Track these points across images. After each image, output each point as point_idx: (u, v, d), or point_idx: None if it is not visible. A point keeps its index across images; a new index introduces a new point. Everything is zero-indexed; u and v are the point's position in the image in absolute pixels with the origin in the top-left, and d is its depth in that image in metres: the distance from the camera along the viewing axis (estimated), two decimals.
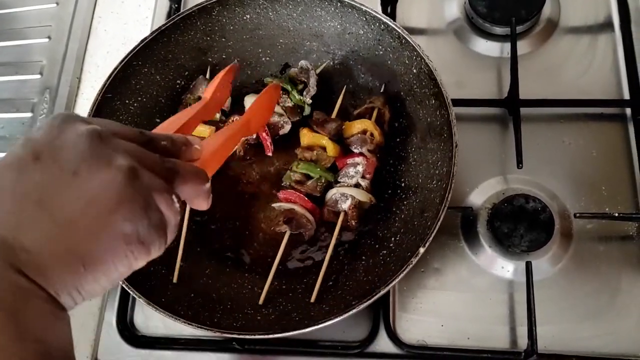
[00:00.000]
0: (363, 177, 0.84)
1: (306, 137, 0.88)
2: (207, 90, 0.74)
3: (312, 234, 0.84)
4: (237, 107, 0.93)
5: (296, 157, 0.88)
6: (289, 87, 0.89)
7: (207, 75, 0.93)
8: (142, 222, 0.42)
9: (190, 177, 0.48)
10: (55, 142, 0.42)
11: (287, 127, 0.90)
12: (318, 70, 0.91)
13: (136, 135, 0.47)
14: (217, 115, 0.91)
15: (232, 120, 0.90)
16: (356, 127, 0.87)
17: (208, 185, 0.50)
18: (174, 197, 0.45)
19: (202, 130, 0.88)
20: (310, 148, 0.88)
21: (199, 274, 0.82)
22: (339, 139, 0.88)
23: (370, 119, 0.87)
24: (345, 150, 0.87)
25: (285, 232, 0.83)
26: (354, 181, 0.83)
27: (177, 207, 0.45)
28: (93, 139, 0.42)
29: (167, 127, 0.58)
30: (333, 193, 0.84)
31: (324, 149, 0.87)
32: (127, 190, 0.41)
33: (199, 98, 0.89)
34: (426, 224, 0.74)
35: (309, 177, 0.85)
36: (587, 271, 0.83)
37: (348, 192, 0.82)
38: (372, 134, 0.85)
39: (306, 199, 0.84)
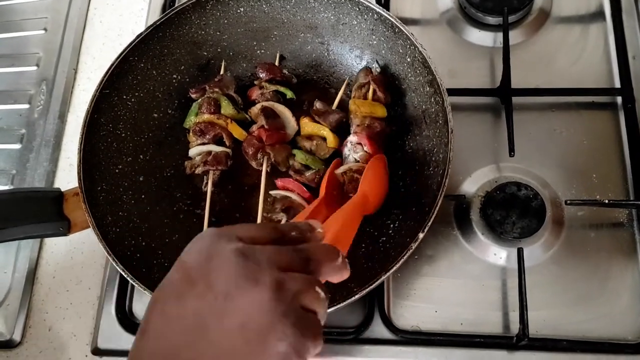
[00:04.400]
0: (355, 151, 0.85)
1: (307, 126, 0.89)
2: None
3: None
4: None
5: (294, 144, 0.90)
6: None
7: (222, 71, 0.94)
8: (296, 337, 0.43)
9: (324, 258, 0.50)
10: (206, 266, 0.45)
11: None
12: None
13: (271, 235, 0.50)
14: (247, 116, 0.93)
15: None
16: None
17: (341, 258, 0.51)
18: (317, 288, 0.47)
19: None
20: (310, 137, 0.89)
21: None
22: (339, 130, 0.89)
23: (366, 98, 0.88)
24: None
25: (282, 220, 0.84)
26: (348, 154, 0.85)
27: (323, 296, 0.47)
28: (239, 259, 0.45)
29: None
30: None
31: (323, 139, 0.88)
32: (276, 308, 0.43)
33: (228, 96, 0.91)
34: (424, 210, 0.75)
35: (308, 168, 0.86)
36: (578, 257, 0.84)
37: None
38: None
39: (304, 188, 0.85)
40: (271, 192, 0.87)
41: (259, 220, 0.84)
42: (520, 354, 0.79)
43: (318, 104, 0.89)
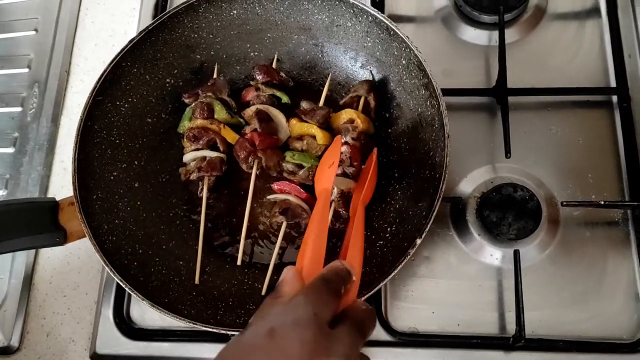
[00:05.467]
0: (351, 164, 0.84)
1: (296, 127, 0.88)
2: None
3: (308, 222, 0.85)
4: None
5: (286, 148, 0.89)
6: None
7: (215, 74, 0.93)
8: None
9: (372, 325, 0.59)
10: (285, 327, 0.51)
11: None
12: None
13: (337, 305, 0.57)
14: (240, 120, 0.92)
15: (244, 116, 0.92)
16: (342, 117, 0.87)
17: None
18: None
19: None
20: (300, 138, 0.88)
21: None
22: (328, 126, 0.88)
23: (357, 107, 0.87)
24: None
25: (282, 222, 0.84)
26: (340, 170, 0.84)
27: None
28: (314, 331, 0.51)
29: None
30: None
31: (313, 137, 0.87)
32: None
33: (221, 100, 0.90)
34: (421, 214, 0.75)
35: (301, 167, 0.86)
36: (574, 257, 0.85)
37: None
38: (353, 122, 0.86)
39: (300, 189, 0.85)
40: (269, 197, 0.87)
41: (245, 223, 0.84)
42: (516, 354, 0.80)
43: (304, 103, 0.89)
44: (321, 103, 0.90)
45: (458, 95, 0.93)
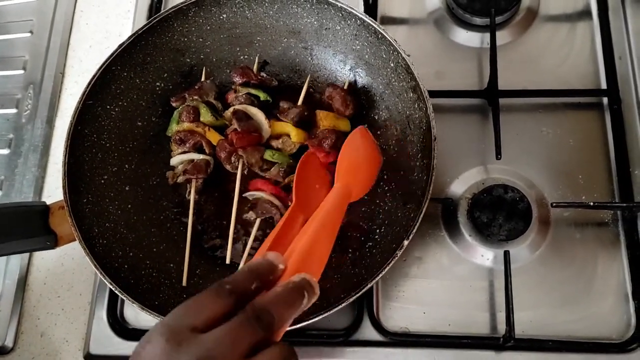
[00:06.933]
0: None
1: (275, 126, 0.89)
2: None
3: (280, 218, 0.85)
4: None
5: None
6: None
7: (203, 78, 0.93)
8: None
9: (287, 311, 0.48)
10: None
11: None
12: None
13: (228, 304, 0.47)
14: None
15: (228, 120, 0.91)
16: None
17: (306, 299, 0.50)
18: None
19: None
20: (277, 136, 0.89)
21: (189, 275, 0.83)
22: (305, 125, 0.89)
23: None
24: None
25: (255, 219, 0.85)
26: None
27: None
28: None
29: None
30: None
31: (289, 135, 0.88)
32: None
33: (207, 103, 0.91)
34: (409, 216, 0.76)
35: (273, 164, 0.88)
36: (564, 257, 0.85)
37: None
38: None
39: (271, 184, 0.87)
40: (245, 195, 0.87)
41: (232, 223, 0.84)
42: (507, 354, 0.81)
43: (282, 103, 0.90)
44: (300, 101, 0.90)
45: (450, 97, 0.93)
